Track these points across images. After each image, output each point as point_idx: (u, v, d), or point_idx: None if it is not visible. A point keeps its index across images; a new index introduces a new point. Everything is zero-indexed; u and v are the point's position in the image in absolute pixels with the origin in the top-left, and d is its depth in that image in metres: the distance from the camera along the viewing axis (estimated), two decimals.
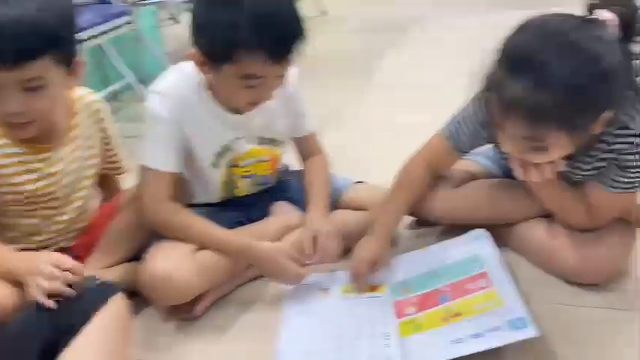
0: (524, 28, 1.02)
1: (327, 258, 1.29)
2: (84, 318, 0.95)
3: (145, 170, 1.25)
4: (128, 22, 2.42)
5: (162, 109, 1.23)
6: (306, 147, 1.46)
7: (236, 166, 1.35)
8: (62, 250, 1.23)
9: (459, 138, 1.29)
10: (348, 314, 1.23)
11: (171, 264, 1.19)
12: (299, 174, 1.48)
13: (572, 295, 1.24)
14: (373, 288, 1.30)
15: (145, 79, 3.08)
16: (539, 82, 0.96)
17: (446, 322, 1.13)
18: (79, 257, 1.23)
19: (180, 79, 1.26)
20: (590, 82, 0.96)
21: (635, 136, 1.09)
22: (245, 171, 1.37)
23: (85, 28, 2.17)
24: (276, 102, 1.31)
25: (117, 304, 1.00)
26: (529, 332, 1.03)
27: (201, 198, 1.38)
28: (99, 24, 2.27)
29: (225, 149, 1.31)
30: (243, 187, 1.40)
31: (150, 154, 1.25)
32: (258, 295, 1.35)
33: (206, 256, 1.25)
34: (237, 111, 1.28)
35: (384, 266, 1.32)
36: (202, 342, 1.23)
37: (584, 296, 1.23)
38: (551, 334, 1.09)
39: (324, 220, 1.33)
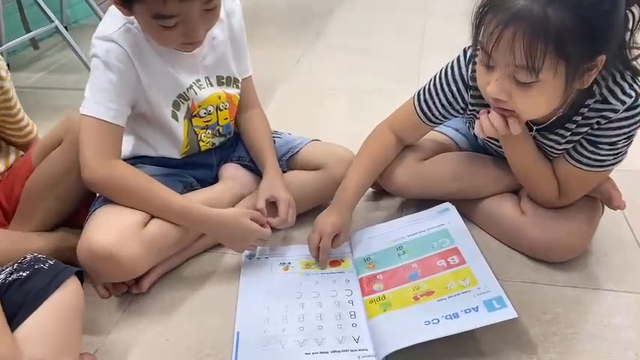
0: None
1: (284, 225, 1.23)
2: (34, 303, 0.83)
3: (88, 121, 1.10)
4: None
5: (111, 56, 1.10)
6: (245, 93, 1.34)
7: (196, 116, 1.24)
8: None
9: (431, 108, 1.22)
10: (310, 292, 1.15)
11: (115, 238, 1.04)
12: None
13: (538, 272, 1.21)
14: (336, 263, 1.23)
15: (70, 26, 2.84)
16: None
17: (417, 302, 1.07)
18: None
19: (126, 21, 1.12)
20: (598, 12, 0.90)
21: (612, 111, 1.06)
22: (205, 121, 1.26)
23: None
24: (224, 37, 1.24)
25: (71, 288, 0.88)
26: (507, 313, 0.99)
27: (164, 152, 1.26)
28: None
29: (183, 98, 1.20)
30: (206, 139, 1.29)
31: (96, 105, 1.10)
32: (210, 268, 1.24)
33: (155, 229, 1.11)
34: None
35: (346, 239, 1.25)
36: (149, 322, 1.11)
37: (551, 274, 1.21)
38: (518, 313, 1.06)
39: (282, 184, 1.25)
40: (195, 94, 1.21)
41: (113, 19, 1.13)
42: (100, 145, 1.10)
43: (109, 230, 1.05)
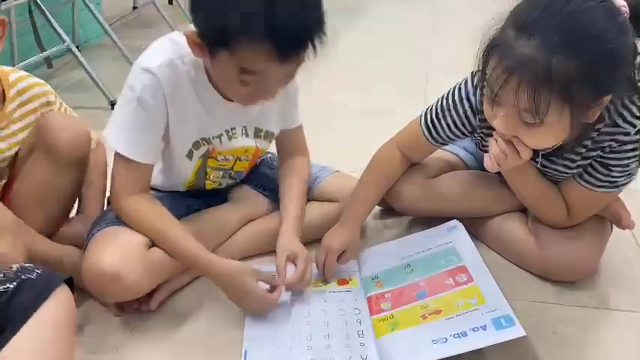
0: None
1: (302, 285, 1.15)
2: (22, 318, 0.80)
3: (118, 157, 1.09)
4: None
5: (147, 93, 1.04)
6: (292, 142, 1.30)
7: (213, 158, 1.19)
8: None
9: (437, 128, 1.23)
10: (318, 310, 1.15)
11: (121, 260, 1.04)
12: (272, 163, 1.37)
13: (547, 292, 1.21)
14: (344, 282, 1.22)
15: (82, 45, 2.88)
16: (549, 44, 0.90)
17: (425, 320, 1.07)
18: None
19: (175, 56, 1.06)
20: (602, 57, 0.91)
21: (624, 134, 1.06)
22: (220, 165, 1.22)
23: None
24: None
25: (61, 298, 0.85)
26: (516, 332, 0.98)
27: (165, 185, 1.24)
28: None
29: (205, 142, 1.15)
30: (215, 179, 1.25)
31: (126, 142, 1.08)
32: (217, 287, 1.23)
33: (160, 254, 1.10)
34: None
35: (354, 257, 1.25)
36: (157, 340, 1.10)
37: (560, 294, 1.20)
38: (526, 332, 1.05)
39: (299, 241, 1.18)
40: (220, 143, 1.16)
41: (162, 50, 1.07)
42: (126, 181, 1.10)
43: (115, 252, 1.04)
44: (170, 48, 1.07)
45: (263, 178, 1.35)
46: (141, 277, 1.06)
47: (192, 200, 1.26)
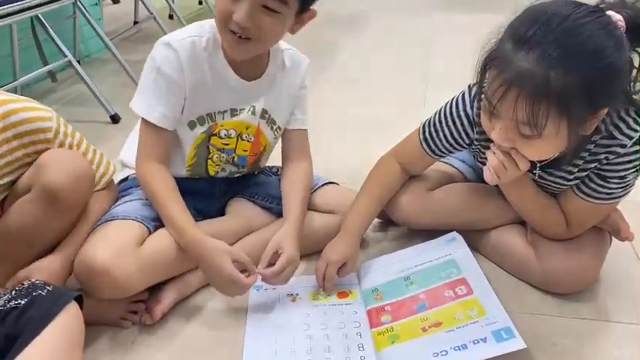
0: (534, 10, 0.97)
1: (278, 281, 1.16)
2: (34, 331, 0.82)
3: (142, 123, 1.19)
4: None
5: (165, 64, 1.15)
6: (296, 145, 1.33)
7: (216, 135, 1.24)
8: None
9: (435, 141, 1.24)
10: (318, 324, 1.15)
11: (111, 254, 1.06)
12: (271, 171, 1.39)
13: (547, 304, 1.21)
14: (344, 294, 1.22)
15: (83, 59, 2.90)
16: (548, 58, 0.91)
17: (426, 333, 1.07)
18: None
19: (195, 34, 1.17)
20: (599, 71, 0.92)
21: (620, 146, 1.07)
22: (224, 143, 1.25)
23: None
24: (284, 83, 1.26)
25: (71, 314, 0.87)
26: (516, 344, 0.99)
27: (173, 170, 1.24)
28: None
29: (210, 118, 1.22)
30: (217, 162, 1.28)
31: (147, 106, 1.17)
32: (218, 299, 1.23)
33: (152, 250, 1.13)
34: (246, 75, 1.21)
35: (354, 270, 1.25)
36: (157, 353, 1.10)
37: (560, 306, 1.20)
38: (526, 345, 1.05)
39: (295, 241, 1.19)
40: (222, 118, 1.22)
41: (185, 30, 1.18)
42: (145, 146, 1.19)
43: (106, 246, 1.07)
44: (192, 29, 1.19)
45: (262, 186, 1.36)
46: (133, 272, 1.08)
47: (193, 211, 1.27)
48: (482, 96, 1.03)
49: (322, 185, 1.37)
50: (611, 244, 1.26)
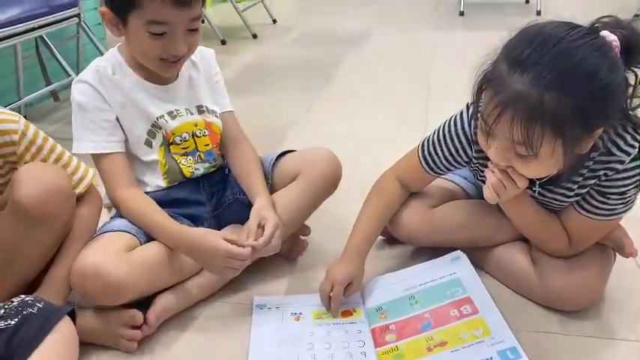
0: (529, 31, 0.98)
1: (270, 249, 1.21)
2: (26, 348, 0.81)
3: (94, 160, 1.24)
4: (75, 15, 2.22)
5: (82, 96, 1.22)
6: (231, 128, 1.39)
7: (173, 143, 1.29)
8: None
9: (434, 159, 1.25)
10: (322, 343, 1.14)
11: (103, 257, 1.10)
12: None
13: (551, 322, 1.20)
14: (348, 313, 1.22)
15: None
16: (542, 80, 0.92)
17: (431, 353, 1.07)
18: None
19: (101, 62, 1.26)
20: (594, 93, 0.93)
21: (618, 162, 1.07)
22: (183, 148, 1.31)
23: (25, 19, 1.97)
24: (200, 78, 1.34)
25: (63, 330, 0.86)
26: None
27: (152, 183, 1.30)
28: (43, 15, 2.06)
29: (156, 127, 1.27)
30: (187, 164, 1.31)
31: (87, 142, 1.22)
32: (221, 318, 1.23)
33: (142, 253, 1.16)
34: (162, 82, 1.28)
35: (359, 289, 1.25)
36: None
37: (565, 324, 1.19)
38: None
39: (273, 210, 1.25)
40: (166, 122, 1.27)
41: (93, 62, 1.27)
42: (109, 177, 1.23)
43: (97, 250, 1.12)
44: (94, 62, 1.27)
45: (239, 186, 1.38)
46: (126, 274, 1.10)
47: (186, 220, 1.28)
48: (479, 116, 1.03)
49: (273, 162, 1.39)
50: (615, 261, 1.26)
